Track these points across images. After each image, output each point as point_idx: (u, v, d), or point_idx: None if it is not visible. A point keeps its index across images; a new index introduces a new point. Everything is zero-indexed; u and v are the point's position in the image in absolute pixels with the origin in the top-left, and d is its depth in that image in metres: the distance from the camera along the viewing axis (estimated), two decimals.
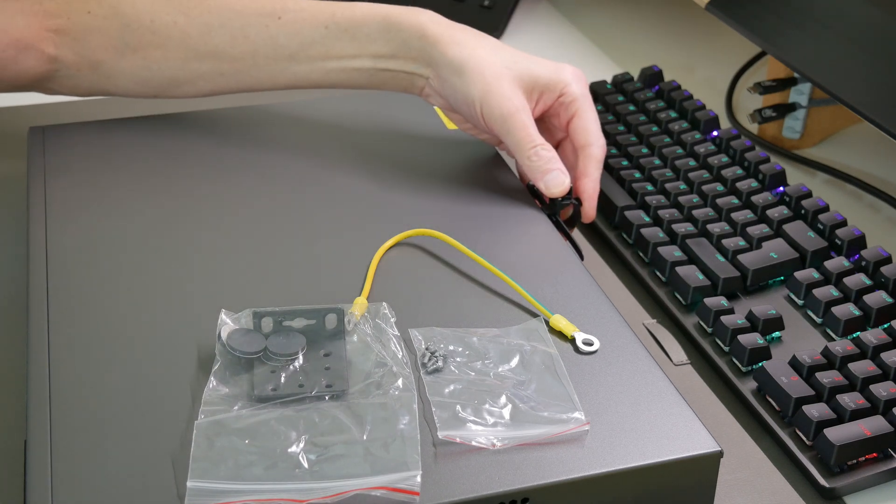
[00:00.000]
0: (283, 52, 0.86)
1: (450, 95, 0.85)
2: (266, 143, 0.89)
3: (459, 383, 0.65)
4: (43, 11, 0.85)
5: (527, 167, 0.83)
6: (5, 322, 0.79)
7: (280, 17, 0.86)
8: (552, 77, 0.84)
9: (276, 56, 0.86)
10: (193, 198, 0.82)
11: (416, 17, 0.85)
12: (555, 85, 0.84)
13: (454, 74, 0.83)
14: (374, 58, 0.86)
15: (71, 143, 0.88)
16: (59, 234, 0.77)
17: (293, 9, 0.86)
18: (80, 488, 0.58)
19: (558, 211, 0.83)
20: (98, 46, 0.86)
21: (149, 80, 0.87)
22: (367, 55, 0.86)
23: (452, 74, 0.83)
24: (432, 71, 0.85)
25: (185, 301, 0.71)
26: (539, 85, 0.84)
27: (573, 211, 0.84)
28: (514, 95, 0.82)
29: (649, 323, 0.82)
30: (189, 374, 0.65)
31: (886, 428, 0.69)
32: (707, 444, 0.63)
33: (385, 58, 0.85)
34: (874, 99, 0.89)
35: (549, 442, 0.62)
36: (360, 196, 0.83)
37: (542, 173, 0.82)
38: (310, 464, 0.59)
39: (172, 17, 0.86)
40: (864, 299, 0.78)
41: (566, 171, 0.82)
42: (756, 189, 0.90)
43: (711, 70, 1.19)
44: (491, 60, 0.83)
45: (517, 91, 0.83)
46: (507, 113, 0.82)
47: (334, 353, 0.66)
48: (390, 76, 0.86)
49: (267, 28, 0.86)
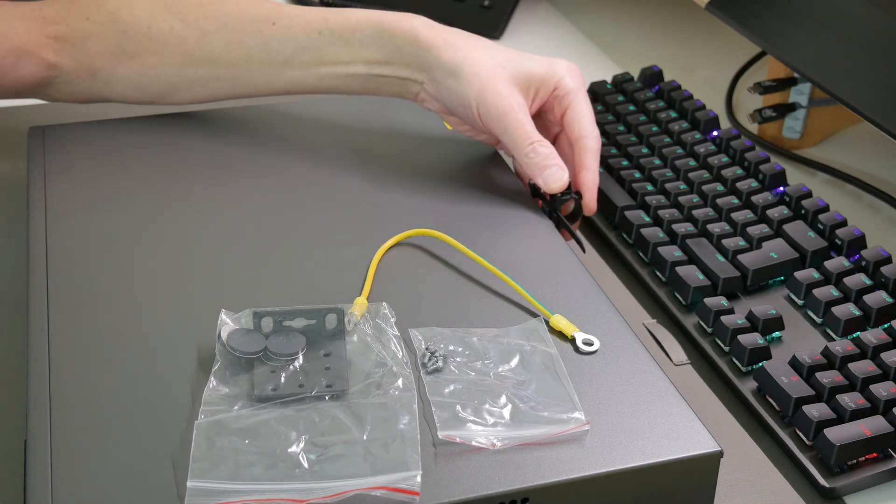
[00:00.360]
0: (277, 58, 0.86)
1: (446, 98, 0.85)
2: (266, 143, 0.89)
3: (459, 383, 0.65)
4: (42, 18, 0.86)
5: (525, 164, 0.83)
6: (5, 322, 0.79)
7: (274, 23, 0.86)
8: (546, 72, 0.84)
9: (271, 61, 0.86)
10: (193, 198, 0.82)
11: (410, 23, 0.85)
12: (549, 80, 0.84)
13: (449, 77, 0.83)
14: (368, 64, 0.86)
15: (71, 143, 0.88)
16: (59, 234, 0.77)
17: (288, 14, 0.86)
18: (80, 488, 0.58)
19: (559, 206, 0.83)
20: (96, 53, 0.86)
21: (146, 86, 0.88)
22: (360, 61, 0.86)
23: (448, 77, 0.83)
24: (427, 75, 0.85)
25: (185, 301, 0.71)
26: (534, 81, 0.84)
27: (574, 205, 0.84)
28: (510, 94, 0.83)
29: (649, 323, 0.82)
30: (189, 374, 0.65)
31: (886, 428, 0.69)
32: (707, 444, 0.63)
33: (379, 64, 0.86)
34: (874, 99, 0.89)
35: (549, 442, 0.62)
36: (359, 196, 0.83)
37: (540, 169, 0.82)
38: (310, 464, 0.59)
39: (169, 24, 0.86)
40: (864, 299, 0.78)
41: (564, 167, 0.82)
42: (756, 189, 0.90)
43: (711, 70, 1.19)
44: (485, 61, 0.83)
45: (513, 89, 0.83)
46: (504, 111, 0.82)
47: (334, 353, 0.66)
48: (384, 82, 0.87)
49: (261, 33, 0.86)
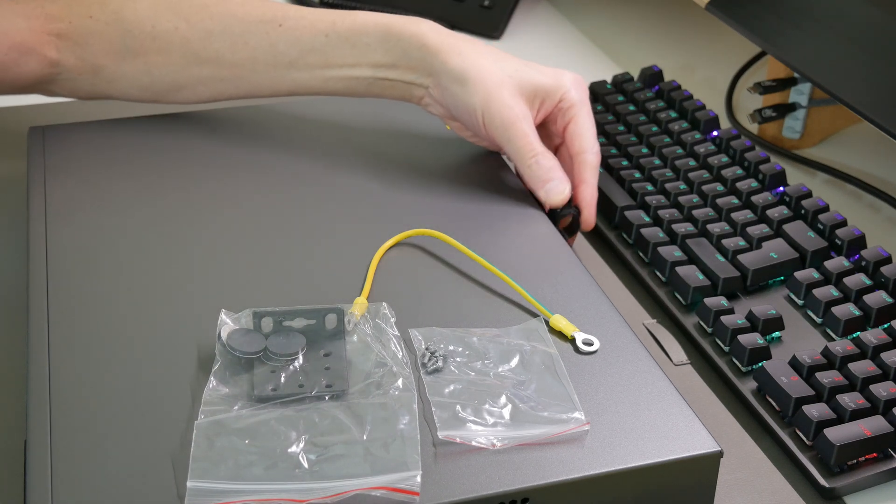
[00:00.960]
0: (282, 59, 0.86)
1: (451, 104, 0.85)
2: (266, 143, 0.89)
3: (459, 383, 0.65)
4: (45, 15, 0.86)
5: (527, 175, 0.83)
6: (5, 322, 0.79)
7: (281, 25, 0.86)
8: (552, 84, 0.84)
9: (276, 63, 0.86)
10: (193, 198, 0.82)
11: (417, 27, 0.85)
12: (555, 92, 0.85)
13: (456, 83, 0.83)
14: (374, 67, 0.86)
15: (71, 143, 0.88)
16: (59, 234, 0.77)
17: (294, 16, 0.86)
18: (80, 488, 0.58)
19: (558, 220, 0.83)
20: (99, 51, 0.86)
21: (149, 85, 0.88)
22: (366, 64, 0.86)
23: (454, 83, 0.83)
24: (432, 80, 0.85)
25: (185, 301, 0.71)
26: (540, 92, 0.84)
27: (572, 220, 0.84)
28: (516, 104, 0.83)
29: (649, 323, 0.82)
30: (189, 374, 0.65)
31: (886, 428, 0.69)
32: (707, 444, 0.63)
33: (385, 67, 0.86)
34: (874, 99, 0.89)
35: (549, 442, 0.62)
36: (359, 196, 0.83)
37: (542, 182, 0.82)
38: (310, 464, 0.59)
39: (174, 23, 0.86)
40: (864, 299, 0.78)
41: (566, 180, 0.83)
42: (756, 189, 0.90)
43: (711, 70, 1.19)
44: (492, 69, 0.83)
45: (518, 99, 0.83)
46: (509, 121, 0.82)
47: (334, 353, 0.66)
48: (389, 85, 0.87)
49: (267, 35, 0.86)
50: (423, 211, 0.81)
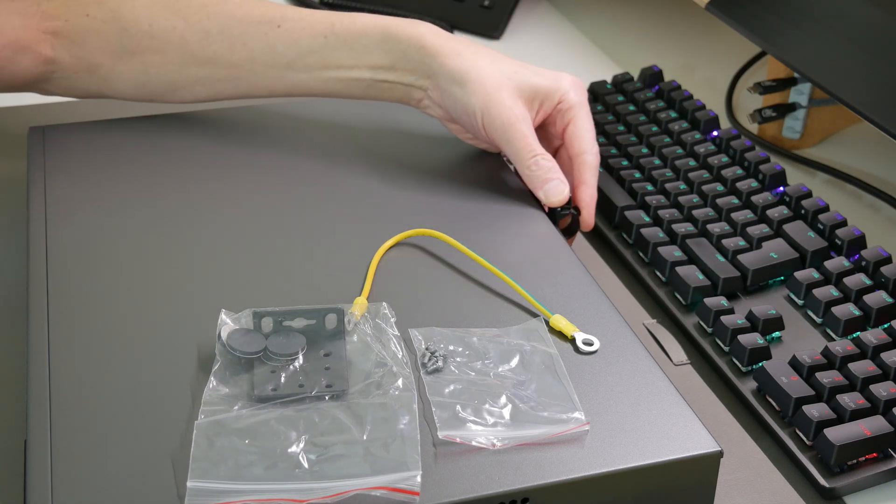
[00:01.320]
0: (280, 60, 0.86)
1: (450, 106, 0.85)
2: (266, 143, 0.89)
3: (459, 383, 0.65)
4: (41, 13, 0.85)
5: (526, 177, 0.83)
6: (5, 322, 0.79)
7: (279, 26, 0.86)
8: (551, 86, 0.85)
9: (274, 64, 0.86)
10: (193, 198, 0.82)
11: (416, 29, 0.85)
12: (554, 93, 0.85)
13: (455, 85, 0.83)
14: (372, 69, 0.86)
15: (71, 143, 0.88)
16: (59, 234, 0.77)
17: (292, 18, 0.86)
18: (80, 488, 0.58)
19: (557, 221, 0.83)
20: (96, 50, 0.86)
21: (146, 85, 0.88)
22: (364, 66, 0.86)
23: (453, 85, 0.83)
24: (431, 82, 0.85)
25: (185, 301, 0.71)
26: (539, 94, 0.84)
27: (571, 220, 0.84)
28: (515, 105, 0.83)
29: (649, 323, 0.82)
30: (189, 374, 0.65)
31: (886, 428, 0.69)
32: (707, 444, 0.63)
33: (383, 69, 0.86)
34: (874, 99, 0.89)
35: (549, 442, 0.62)
36: (359, 196, 0.83)
37: (541, 182, 0.82)
38: (310, 464, 0.59)
39: (171, 23, 0.86)
40: (864, 299, 0.78)
41: (565, 181, 0.83)
42: (756, 189, 0.90)
43: (711, 70, 1.19)
44: (491, 71, 0.83)
45: (517, 101, 0.83)
46: (508, 123, 0.82)
47: (334, 353, 0.66)
48: (387, 87, 0.87)
49: (266, 36, 0.86)
50: (423, 211, 0.81)
